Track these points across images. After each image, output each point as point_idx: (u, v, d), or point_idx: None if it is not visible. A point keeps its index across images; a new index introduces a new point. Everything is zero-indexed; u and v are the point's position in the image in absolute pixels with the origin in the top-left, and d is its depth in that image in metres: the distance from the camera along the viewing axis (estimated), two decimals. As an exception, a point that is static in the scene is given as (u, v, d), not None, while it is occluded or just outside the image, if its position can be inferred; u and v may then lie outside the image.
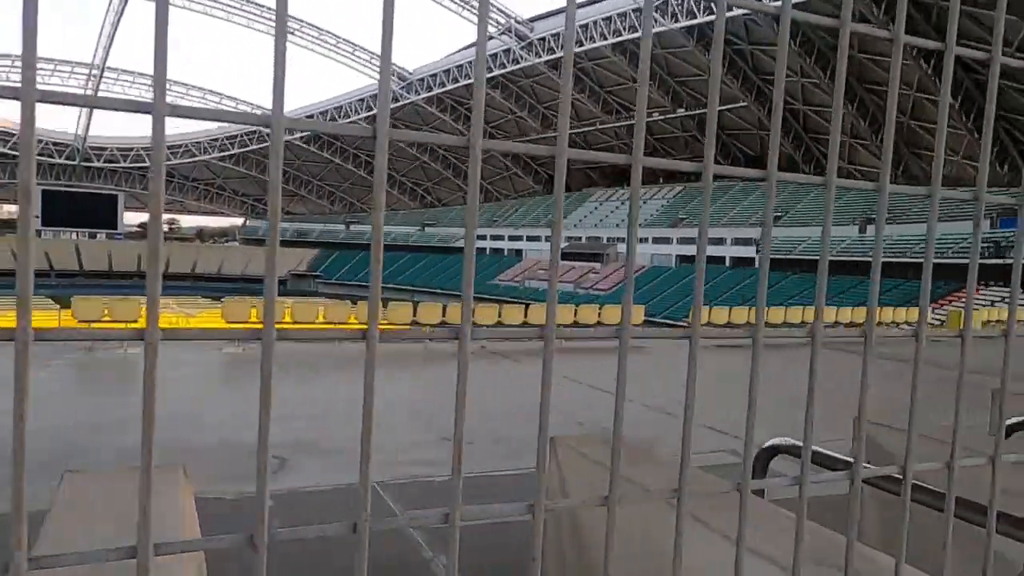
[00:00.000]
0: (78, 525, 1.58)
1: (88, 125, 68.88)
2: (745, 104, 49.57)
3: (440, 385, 9.40)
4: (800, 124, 50.14)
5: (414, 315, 13.29)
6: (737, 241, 50.26)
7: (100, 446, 5.71)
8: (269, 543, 0.62)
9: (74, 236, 71.66)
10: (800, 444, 2.59)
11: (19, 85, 0.51)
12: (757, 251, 47.74)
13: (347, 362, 11.24)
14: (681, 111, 54.53)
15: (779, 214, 50.02)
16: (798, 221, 48.07)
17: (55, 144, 69.45)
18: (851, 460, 1.07)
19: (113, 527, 1.52)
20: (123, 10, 54.01)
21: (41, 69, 57.84)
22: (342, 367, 10.84)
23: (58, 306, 17.67)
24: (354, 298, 16.96)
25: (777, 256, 46.55)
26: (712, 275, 49.24)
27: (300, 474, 5.15)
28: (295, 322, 12.86)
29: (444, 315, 13.25)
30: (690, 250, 53.18)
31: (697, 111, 53.94)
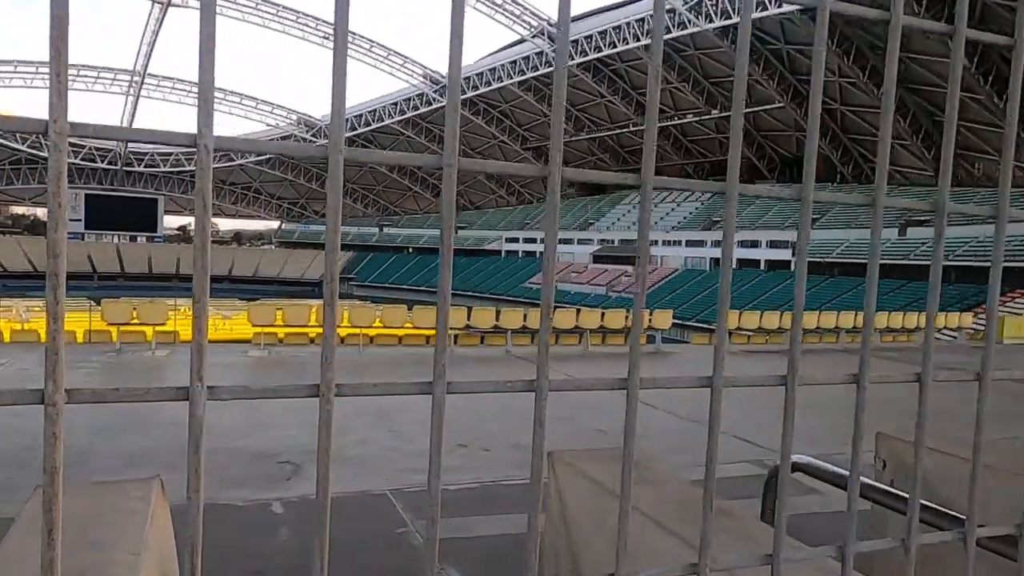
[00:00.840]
0: (37, 540, 1.51)
1: (129, 130, 70.26)
2: (781, 105, 48.83)
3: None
4: (838, 125, 49.23)
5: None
6: (773, 244, 49.49)
7: (117, 450, 5.74)
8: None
9: (116, 239, 73.28)
10: (819, 463, 2.45)
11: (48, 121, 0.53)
12: (793, 254, 47.06)
13: (365, 367, 11.24)
14: (715, 112, 53.91)
15: (816, 216, 49.20)
16: (836, 223, 47.17)
17: (98, 149, 71.08)
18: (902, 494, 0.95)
19: (73, 540, 1.46)
20: (163, 18, 55.10)
21: (85, 76, 59.61)
22: (361, 372, 10.84)
23: (90, 304, 17.99)
24: (413, 303, 16.95)
25: (814, 259, 45.76)
26: (747, 279, 48.55)
27: (312, 481, 5.09)
28: (320, 326, 12.89)
29: (469, 319, 13.18)
30: (724, 253, 52.46)
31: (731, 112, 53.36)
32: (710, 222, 55.99)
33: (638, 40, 48.63)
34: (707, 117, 54.77)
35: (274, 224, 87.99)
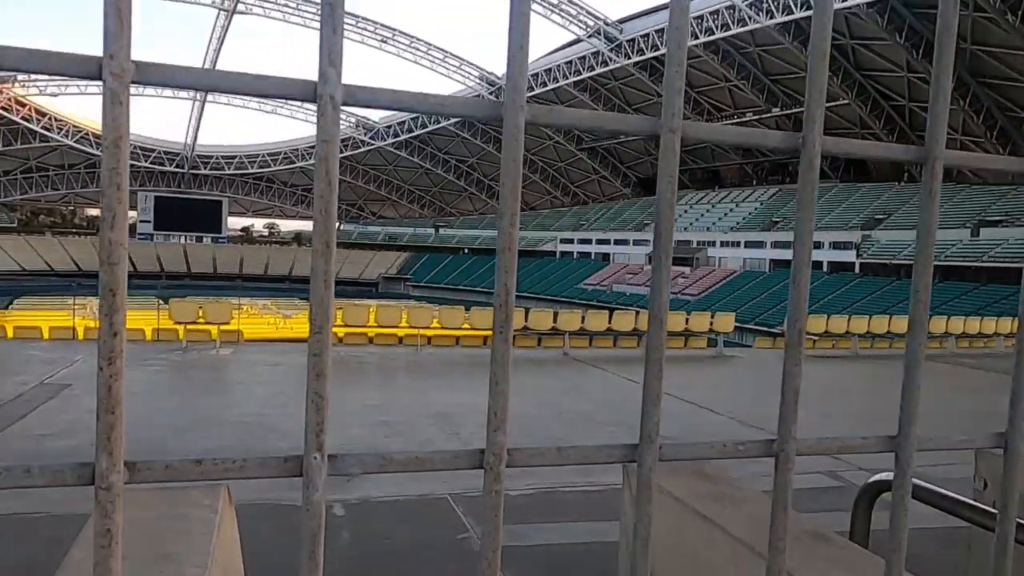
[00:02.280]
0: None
1: (196, 134, 72.68)
2: (846, 102, 47.42)
3: (519, 393, 9.32)
4: (906, 122, 47.56)
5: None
6: (835, 245, 48.07)
7: (186, 448, 5.88)
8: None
9: (182, 240, 75.73)
10: (922, 483, 2.32)
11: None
12: (858, 255, 45.70)
13: (424, 367, 11.30)
14: (776, 110, 52.68)
15: (881, 216, 47.65)
16: (902, 224, 45.59)
17: (166, 153, 73.60)
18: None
19: (139, 552, 1.47)
20: (228, 24, 56.72)
21: (154, 82, 61.77)
22: (418, 371, 10.90)
23: (158, 303, 18.60)
24: (468, 303, 16.99)
25: (879, 261, 44.31)
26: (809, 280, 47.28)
27: (373, 483, 5.13)
28: (379, 326, 13.06)
29: (527, 320, 13.15)
30: (785, 254, 51.23)
31: (793, 110, 51.99)
32: (770, 223, 54.76)
33: (696, 38, 47.87)
34: (767, 115, 53.56)
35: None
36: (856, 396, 10.56)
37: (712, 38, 47.30)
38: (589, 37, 53.97)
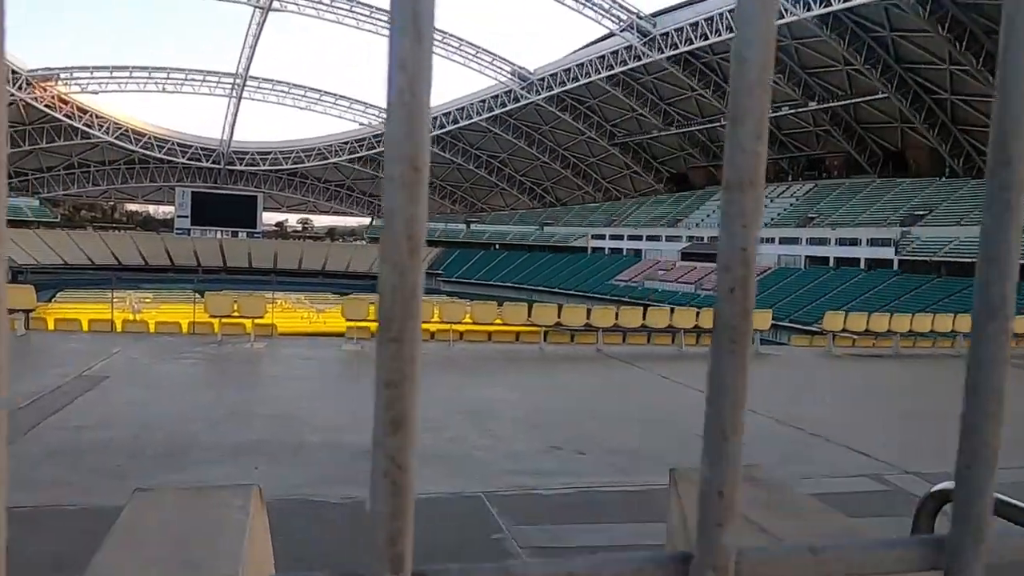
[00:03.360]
0: (132, 552, 1.48)
1: (232, 130, 73.66)
2: (885, 96, 46.39)
3: (553, 390, 9.22)
4: (948, 115, 46.38)
5: (528, 316, 13.15)
6: (873, 242, 47.08)
7: (220, 442, 5.89)
8: None
9: (218, 235, 76.91)
10: (1003, 496, 2.16)
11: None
12: (896, 252, 44.71)
13: (456, 362, 11.26)
14: (813, 104, 51.71)
15: (922, 212, 46.56)
16: (944, 220, 44.49)
17: (203, 149, 74.70)
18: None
19: (167, 556, 1.41)
20: (264, 22, 57.34)
21: (193, 80, 62.75)
22: (452, 367, 10.86)
23: (194, 296, 18.83)
24: (498, 299, 16.86)
25: (919, 258, 43.31)
26: (845, 278, 46.47)
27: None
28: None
29: (559, 316, 13.03)
30: (820, 251, 50.41)
31: (831, 103, 51.00)
32: (805, 219, 53.84)
33: (731, 31, 47.21)
34: (804, 109, 52.61)
35: (366, 220, 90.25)
36: (903, 396, 10.27)
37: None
38: (622, 31, 53.49)
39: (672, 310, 13.36)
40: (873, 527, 3.49)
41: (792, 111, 53.40)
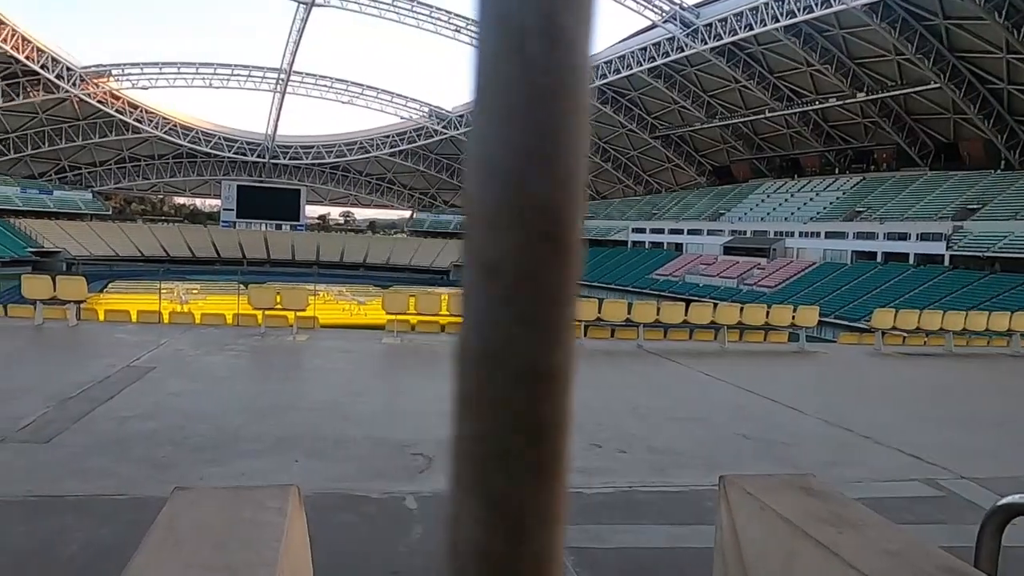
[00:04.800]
0: (170, 554, 1.47)
1: (276, 125, 74.78)
2: (937, 86, 44.99)
3: (592, 386, 9.12)
4: (1004, 105, 44.80)
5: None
6: (923, 237, 45.77)
7: (262, 433, 5.95)
8: None
9: (263, 227, 78.27)
10: None
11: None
12: (948, 247, 43.43)
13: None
14: (861, 95, 50.42)
15: (975, 206, 45.12)
16: (998, 214, 43.05)
17: (248, 143, 76.00)
18: None
19: (204, 559, 1.40)
20: (307, 17, 57.99)
21: (238, 75, 63.87)
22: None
23: (239, 288, 19.16)
24: None
25: (972, 254, 41.99)
26: (894, 273, 45.30)
27: (445, 475, 5.05)
28: (452, 315, 13.04)
29: (600, 311, 12.91)
30: (868, 245, 49.20)
31: (880, 94, 49.65)
32: (852, 212, 52.60)
33: (776, 21, 46.21)
34: (851, 101, 51.34)
35: (406, 213, 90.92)
36: (957, 397, 9.95)
37: (794, 20, 45.52)
38: (664, 22, 52.82)
39: (715, 305, 13.13)
40: (930, 535, 3.35)
41: (839, 102, 52.16)
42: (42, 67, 59.22)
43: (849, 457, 5.99)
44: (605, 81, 60.71)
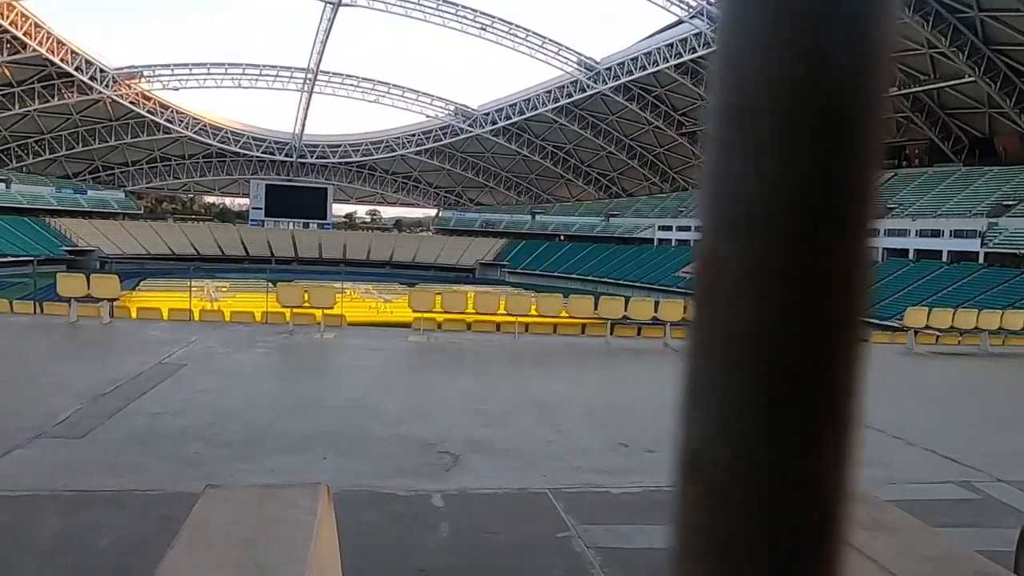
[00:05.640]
0: (201, 552, 1.48)
1: (304, 124, 75.47)
2: (972, 80, 44.09)
3: (619, 385, 9.08)
4: (1045, 99, 43.78)
5: (595, 309, 13.01)
6: (957, 233, 44.91)
7: (290, 431, 6.00)
8: None
9: (290, 226, 79.10)
10: None
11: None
12: (982, 244, 42.55)
13: (521, 355, 11.22)
14: (893, 90, 49.49)
15: (1011, 202, 44.17)
16: (1036, 210, 42.12)
17: (276, 142, 76.79)
18: None
19: (235, 558, 1.40)
20: (334, 17, 58.41)
21: (267, 76, 64.56)
22: (517, 360, 10.83)
23: (267, 286, 19.36)
24: (562, 290, 16.71)
25: (1007, 251, 41.11)
26: (926, 271, 44.53)
27: (472, 473, 5.06)
28: (478, 313, 13.07)
29: (626, 309, 12.85)
30: (899, 243, 48.39)
31: (912, 88, 48.73)
32: (884, 209, 51.75)
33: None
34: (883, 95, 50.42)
35: (432, 212, 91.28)
36: (993, 397, 9.74)
37: None
38: (691, 18, 52.39)
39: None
40: (967, 539, 3.28)
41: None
42: (76, 69, 60.37)
43: (881, 458, 5.89)
44: (631, 78, 60.37)
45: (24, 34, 54.38)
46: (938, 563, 1.54)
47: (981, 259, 42.94)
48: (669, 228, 68.47)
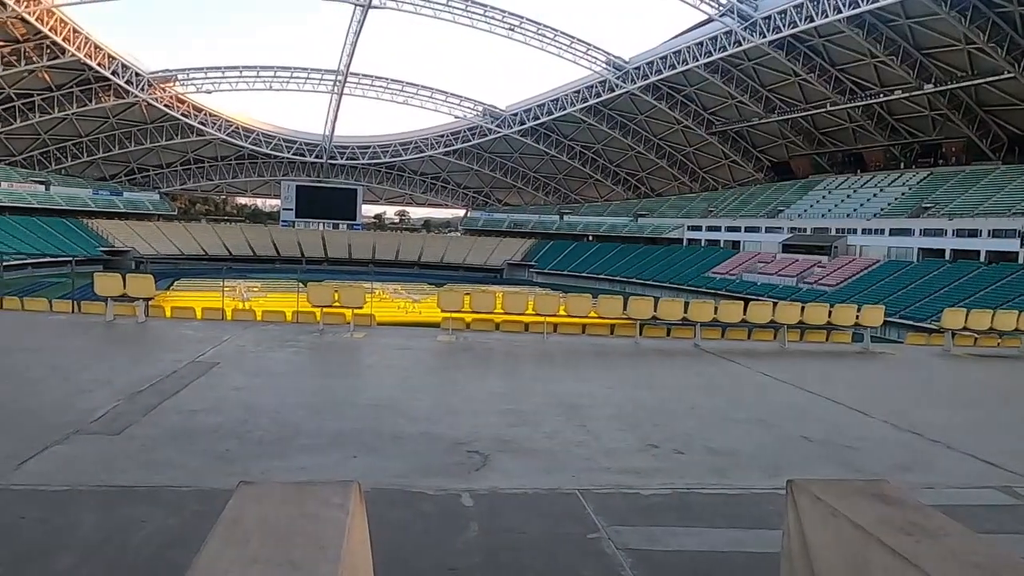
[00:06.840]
0: (235, 549, 1.48)
1: (334, 126, 76.15)
2: (1011, 76, 43.09)
3: (648, 386, 9.02)
4: (1085, 95, 42.64)
5: (624, 309, 12.93)
6: (995, 233, 43.92)
7: (320, 429, 6.04)
8: None
9: (320, 227, 79.93)
10: None
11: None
12: (1022, 244, 41.56)
13: (550, 356, 11.19)
14: (929, 87, 48.60)
15: (1053, 201, 43.08)
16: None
17: (307, 144, 77.63)
18: None
19: (269, 554, 1.41)
20: (364, 19, 58.81)
21: (297, 78, 65.32)
22: (545, 361, 10.79)
23: (298, 286, 19.56)
24: (591, 290, 16.71)
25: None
26: (963, 271, 43.62)
27: (501, 473, 5.05)
28: (506, 313, 13.05)
29: (656, 310, 12.75)
30: (935, 243, 47.47)
31: (949, 85, 47.75)
32: (919, 208, 50.79)
33: (839, 12, 44.86)
34: (918, 93, 49.53)
35: (460, 212, 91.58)
36: (1015, 402, 9.51)
37: (857, 11, 44.12)
38: (721, 16, 51.87)
39: (775, 305, 12.82)
40: (1009, 546, 3.19)
41: (905, 95, 50.41)
42: (113, 73, 61.57)
43: (920, 462, 5.77)
44: (660, 77, 59.97)
45: (63, 39, 55.58)
46: (985, 570, 1.49)
47: (1020, 259, 41.95)
48: (699, 228, 67.95)
